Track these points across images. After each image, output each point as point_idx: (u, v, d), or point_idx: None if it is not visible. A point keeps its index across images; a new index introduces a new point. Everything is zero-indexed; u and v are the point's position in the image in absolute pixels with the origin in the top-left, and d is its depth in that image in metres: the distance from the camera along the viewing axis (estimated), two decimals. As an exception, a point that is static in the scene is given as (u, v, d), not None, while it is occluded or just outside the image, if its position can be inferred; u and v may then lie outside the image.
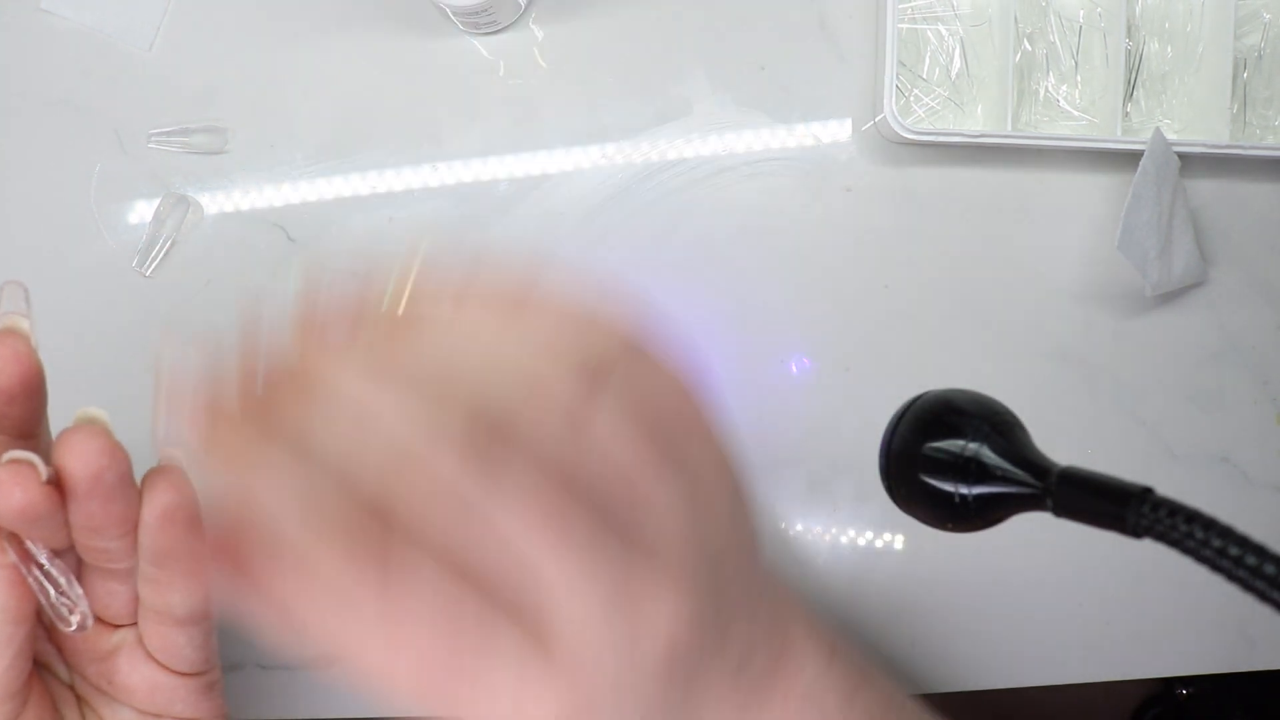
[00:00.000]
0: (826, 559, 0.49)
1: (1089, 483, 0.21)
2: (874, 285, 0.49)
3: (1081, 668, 0.51)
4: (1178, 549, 0.19)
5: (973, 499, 0.24)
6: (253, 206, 0.47)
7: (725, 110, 0.48)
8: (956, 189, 0.49)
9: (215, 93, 0.46)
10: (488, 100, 0.47)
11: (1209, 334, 0.51)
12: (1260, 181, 0.51)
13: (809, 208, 0.49)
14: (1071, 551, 0.51)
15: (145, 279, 0.46)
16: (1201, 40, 0.48)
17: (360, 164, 0.47)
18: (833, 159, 0.49)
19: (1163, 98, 0.49)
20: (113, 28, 0.46)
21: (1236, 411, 0.52)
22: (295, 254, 0.47)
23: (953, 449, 0.25)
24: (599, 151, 0.48)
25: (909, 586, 0.49)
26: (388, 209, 0.47)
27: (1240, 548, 0.18)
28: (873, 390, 0.49)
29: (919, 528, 0.51)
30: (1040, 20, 0.48)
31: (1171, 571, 0.51)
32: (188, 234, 0.46)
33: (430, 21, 0.47)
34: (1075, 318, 0.50)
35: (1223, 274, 0.51)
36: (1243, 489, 0.52)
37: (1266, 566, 0.18)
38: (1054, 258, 0.50)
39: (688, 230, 0.48)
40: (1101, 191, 0.50)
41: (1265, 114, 0.50)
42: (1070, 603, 0.51)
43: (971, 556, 0.50)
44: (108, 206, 0.46)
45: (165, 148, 0.46)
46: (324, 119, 0.47)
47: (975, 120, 0.48)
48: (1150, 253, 0.47)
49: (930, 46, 0.47)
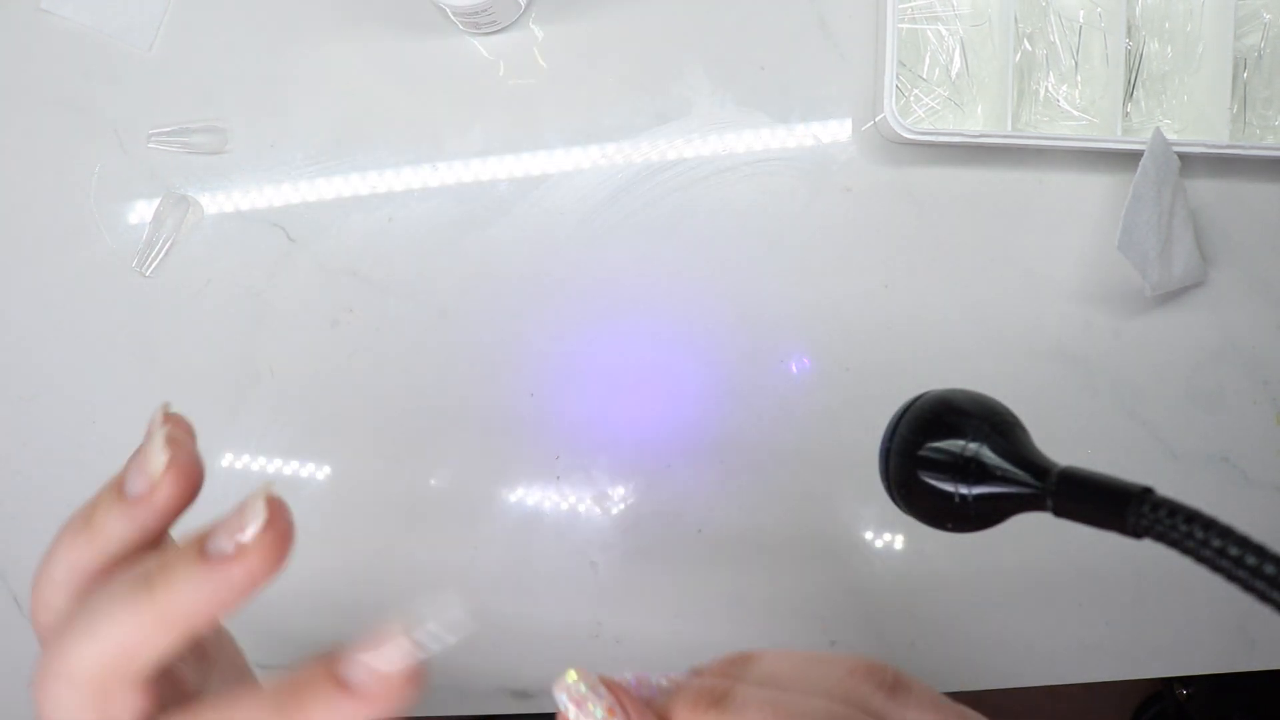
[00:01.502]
0: (826, 559, 0.49)
1: (1089, 483, 0.21)
2: (874, 285, 0.49)
3: (1082, 668, 0.51)
4: (1177, 549, 0.19)
5: (973, 499, 0.24)
6: (252, 206, 0.47)
7: (725, 110, 0.48)
8: (956, 189, 0.49)
9: (215, 93, 0.46)
10: (488, 100, 0.47)
11: (1209, 334, 0.51)
12: (1260, 181, 0.51)
13: (809, 207, 0.49)
14: (1072, 552, 0.51)
15: (145, 278, 0.46)
16: (1201, 40, 0.48)
17: (360, 164, 0.47)
18: (833, 159, 0.49)
19: (1163, 98, 0.49)
20: (113, 28, 0.46)
21: (1236, 411, 0.52)
22: (295, 253, 0.47)
23: (953, 449, 0.25)
24: (599, 151, 0.48)
25: (909, 586, 0.50)
26: (388, 208, 0.47)
27: (1240, 547, 0.18)
28: (873, 390, 0.49)
29: (919, 528, 0.51)
30: (1040, 20, 0.48)
31: (1171, 572, 0.51)
32: (187, 234, 0.46)
33: (430, 22, 0.47)
34: (1075, 317, 0.50)
35: (1223, 274, 0.51)
36: (1242, 489, 0.52)
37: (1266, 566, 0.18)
38: (1054, 257, 0.50)
39: (687, 230, 0.48)
40: (1101, 191, 0.50)
41: (1265, 114, 0.50)
42: (1070, 603, 0.51)
43: (971, 557, 0.50)
44: (108, 206, 0.46)
45: (165, 148, 0.46)
46: (324, 119, 0.47)
47: (975, 120, 0.48)
48: (1150, 253, 0.47)
49: (930, 46, 0.47)
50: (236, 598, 0.19)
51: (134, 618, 0.18)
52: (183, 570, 0.18)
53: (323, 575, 0.47)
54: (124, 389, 0.46)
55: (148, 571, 0.19)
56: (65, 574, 0.20)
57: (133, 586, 0.18)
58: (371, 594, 0.47)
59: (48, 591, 0.21)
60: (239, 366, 0.47)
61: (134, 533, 0.20)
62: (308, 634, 0.47)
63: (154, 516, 0.20)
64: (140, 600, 0.18)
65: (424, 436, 0.48)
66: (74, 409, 0.46)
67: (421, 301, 0.47)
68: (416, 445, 0.47)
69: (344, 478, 0.47)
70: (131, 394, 0.46)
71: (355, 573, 0.47)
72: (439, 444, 0.48)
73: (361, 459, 0.47)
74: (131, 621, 0.18)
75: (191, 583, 0.18)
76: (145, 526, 0.20)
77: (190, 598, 0.18)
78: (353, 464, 0.47)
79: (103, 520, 0.20)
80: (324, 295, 0.47)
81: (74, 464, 0.46)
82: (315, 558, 0.47)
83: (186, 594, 0.18)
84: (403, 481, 0.47)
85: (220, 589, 0.18)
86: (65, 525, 0.21)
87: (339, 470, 0.47)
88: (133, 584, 0.19)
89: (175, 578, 0.18)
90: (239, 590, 0.19)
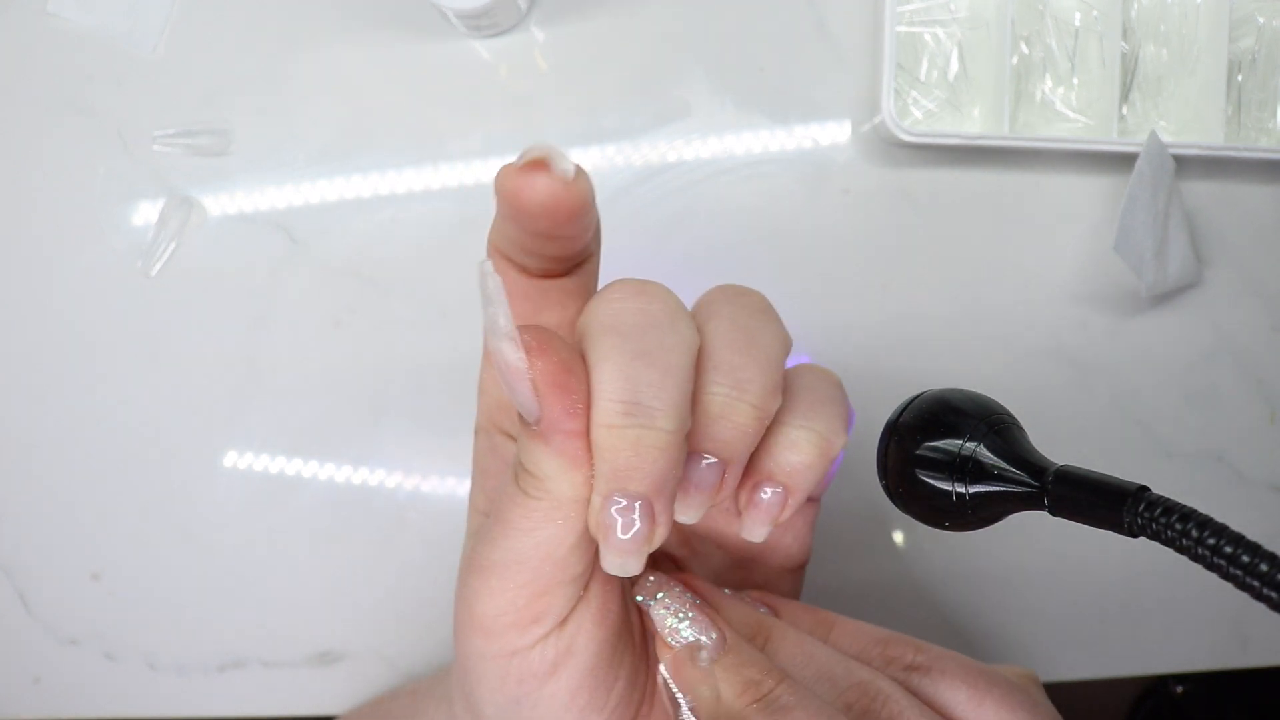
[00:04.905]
0: (822, 558, 0.49)
1: (1085, 482, 0.22)
2: (872, 286, 0.50)
3: (1076, 665, 0.51)
4: (1173, 547, 0.19)
5: (970, 498, 0.25)
6: (256, 208, 0.47)
7: (724, 112, 0.49)
8: (954, 191, 0.50)
9: (218, 95, 0.47)
10: (489, 102, 0.48)
11: (1204, 334, 0.52)
12: (1255, 183, 0.52)
13: (807, 209, 0.49)
14: (1067, 550, 0.51)
15: (149, 280, 0.46)
16: (1197, 43, 0.49)
17: (362, 165, 0.47)
18: (831, 161, 0.49)
19: (1158, 100, 0.49)
20: (117, 30, 0.46)
21: (1231, 411, 0.52)
22: (297, 254, 0.47)
23: (950, 448, 0.25)
24: (599, 153, 0.48)
25: (906, 585, 0.50)
26: (390, 210, 0.47)
27: (1235, 546, 0.18)
28: (871, 390, 0.49)
29: (916, 527, 0.52)
30: (1037, 23, 0.48)
31: (1167, 569, 0.51)
32: (191, 235, 0.47)
33: (432, 24, 0.47)
34: (1072, 318, 0.51)
35: (1218, 275, 0.52)
36: (1237, 487, 0.52)
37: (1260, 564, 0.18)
38: (1050, 259, 0.51)
39: (687, 232, 0.49)
40: (1098, 193, 0.51)
41: (1260, 116, 0.50)
42: (1065, 600, 0.51)
43: (968, 555, 0.50)
44: (112, 208, 0.46)
45: (169, 149, 0.46)
46: (326, 121, 0.47)
47: (973, 122, 0.48)
48: (1146, 254, 0.47)
49: (928, 49, 0.48)
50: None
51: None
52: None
53: (323, 575, 0.48)
54: (128, 389, 0.47)
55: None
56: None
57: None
58: (372, 594, 0.48)
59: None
60: (241, 366, 0.47)
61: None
62: (308, 634, 0.48)
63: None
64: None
65: (426, 437, 0.48)
66: (78, 409, 0.47)
67: (423, 302, 0.47)
68: (418, 446, 0.48)
69: (345, 478, 0.47)
70: (135, 394, 0.47)
71: (355, 572, 0.48)
72: (441, 444, 0.48)
73: (363, 459, 0.48)
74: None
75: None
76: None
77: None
78: (354, 464, 0.48)
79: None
80: (326, 296, 0.47)
81: (78, 464, 0.46)
82: (315, 558, 0.47)
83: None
84: (404, 482, 0.48)
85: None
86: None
87: (339, 470, 0.47)
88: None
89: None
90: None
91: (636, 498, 0.20)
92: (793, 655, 0.25)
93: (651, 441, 0.20)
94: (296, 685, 0.47)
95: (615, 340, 0.21)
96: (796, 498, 0.25)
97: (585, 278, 0.26)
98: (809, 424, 0.25)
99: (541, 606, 0.22)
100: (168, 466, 0.47)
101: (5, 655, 0.47)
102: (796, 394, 0.26)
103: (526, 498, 0.21)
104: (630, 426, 0.20)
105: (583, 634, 0.23)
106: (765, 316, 0.26)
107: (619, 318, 0.22)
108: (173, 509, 0.47)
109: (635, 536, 0.21)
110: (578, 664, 0.23)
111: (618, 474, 0.20)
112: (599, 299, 0.23)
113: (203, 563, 0.47)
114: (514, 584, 0.22)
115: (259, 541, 0.47)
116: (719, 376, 0.23)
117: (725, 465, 0.23)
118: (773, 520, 0.25)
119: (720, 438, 0.22)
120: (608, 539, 0.21)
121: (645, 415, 0.20)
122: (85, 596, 0.46)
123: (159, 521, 0.47)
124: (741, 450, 0.23)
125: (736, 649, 0.25)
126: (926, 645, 0.26)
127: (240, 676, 0.47)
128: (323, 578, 0.48)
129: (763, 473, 0.25)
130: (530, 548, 0.22)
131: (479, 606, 0.22)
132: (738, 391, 0.22)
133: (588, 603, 0.24)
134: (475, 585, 0.23)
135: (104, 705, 0.47)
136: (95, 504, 0.46)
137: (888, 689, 0.24)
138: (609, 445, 0.20)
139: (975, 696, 0.24)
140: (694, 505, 0.23)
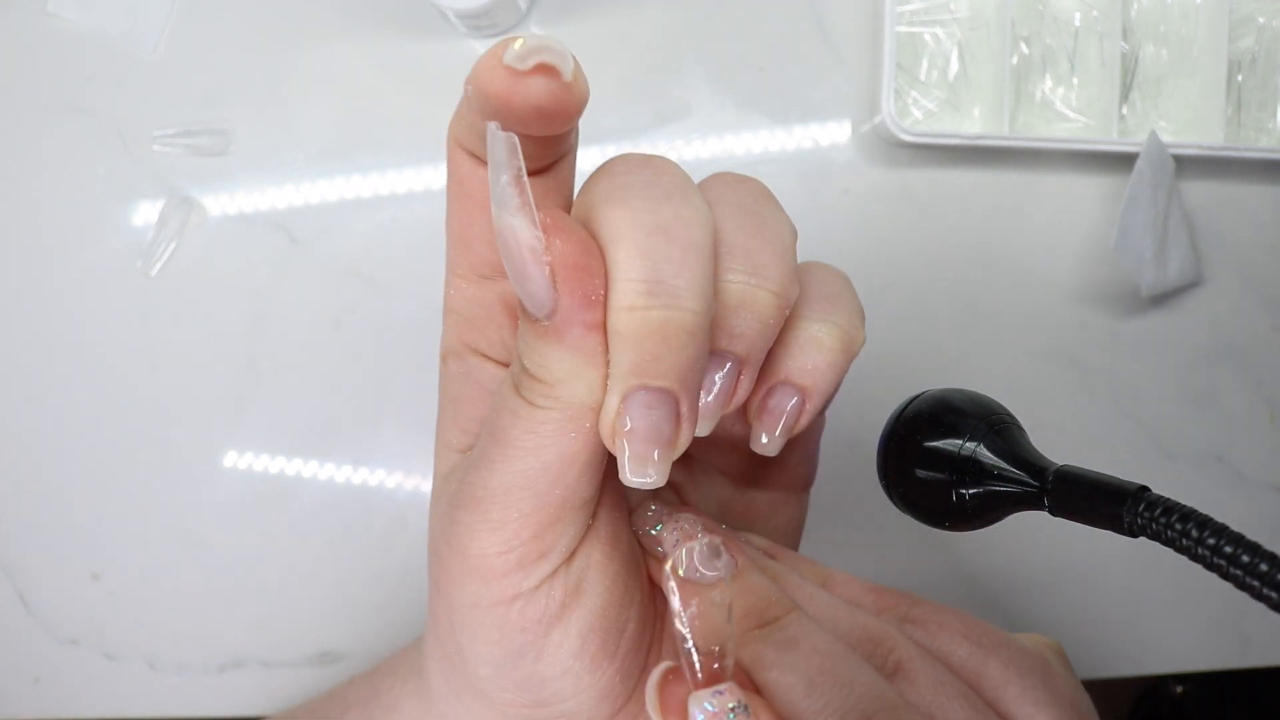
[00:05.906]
0: (821, 557, 0.49)
1: (1085, 482, 0.22)
2: (872, 286, 0.50)
3: (1076, 665, 0.51)
4: (1173, 547, 0.19)
5: (970, 498, 0.25)
6: (255, 208, 0.47)
7: (724, 112, 0.49)
8: (954, 191, 0.50)
9: (218, 95, 0.47)
10: (489, 102, 0.48)
11: (1204, 334, 0.52)
12: (1254, 183, 0.52)
13: (807, 209, 0.49)
14: (1067, 550, 0.51)
15: (149, 280, 0.46)
16: (1196, 43, 0.49)
17: (362, 165, 0.47)
18: (831, 161, 0.49)
19: (1158, 100, 0.49)
20: (117, 30, 0.46)
21: (1231, 411, 0.52)
22: (298, 254, 0.47)
23: (950, 448, 0.25)
24: (599, 152, 0.48)
25: (905, 585, 0.50)
26: (390, 210, 0.47)
27: (1235, 546, 0.18)
28: (871, 389, 0.49)
29: (916, 527, 0.52)
30: (1037, 23, 0.48)
31: (1167, 569, 0.51)
32: (191, 235, 0.47)
33: (432, 24, 0.47)
34: (1072, 318, 0.51)
35: (1217, 275, 0.52)
36: (1237, 487, 0.52)
37: (1260, 564, 0.18)
38: (1051, 259, 0.51)
39: (688, 231, 0.48)
40: (1098, 193, 0.51)
41: (1259, 116, 0.50)
42: (1066, 600, 0.51)
43: (968, 555, 0.50)
44: (112, 208, 0.46)
45: (169, 149, 0.46)
46: (326, 121, 0.47)
47: (973, 122, 0.48)
48: (1146, 254, 0.47)
49: (928, 49, 0.48)
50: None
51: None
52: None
53: (323, 575, 0.47)
54: (128, 389, 0.47)
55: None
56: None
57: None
58: (371, 594, 0.48)
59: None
60: (241, 367, 0.47)
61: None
62: (308, 634, 0.48)
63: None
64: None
65: (426, 437, 0.48)
66: (78, 409, 0.47)
67: (424, 302, 0.47)
68: (418, 446, 0.48)
69: (345, 478, 0.47)
70: (135, 394, 0.47)
71: (355, 572, 0.48)
72: (441, 444, 0.48)
73: (363, 459, 0.48)
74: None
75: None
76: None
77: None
78: (354, 465, 0.48)
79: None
80: (326, 296, 0.47)
81: (78, 464, 0.46)
82: (315, 558, 0.47)
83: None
84: (404, 482, 0.48)
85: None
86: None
87: (340, 471, 0.47)
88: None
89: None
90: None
91: (662, 393, 0.18)
92: (796, 598, 0.23)
93: (679, 323, 0.17)
94: (296, 685, 0.47)
95: (627, 214, 0.18)
96: (815, 402, 0.22)
97: (562, 174, 0.22)
98: (829, 317, 0.22)
99: (549, 540, 0.20)
100: (168, 466, 0.47)
101: (5, 655, 0.47)
102: (809, 287, 0.23)
103: (533, 409, 0.18)
104: (655, 308, 0.17)
105: (593, 568, 0.21)
106: (771, 202, 0.22)
107: (628, 191, 0.18)
108: (173, 509, 0.47)
109: (662, 440, 0.18)
110: (588, 604, 0.21)
111: (641, 366, 0.17)
112: (600, 175, 0.20)
113: (203, 563, 0.47)
114: (516, 514, 0.19)
115: (259, 542, 0.47)
116: (734, 263, 0.20)
117: (741, 365, 0.20)
118: (790, 429, 0.22)
119: (739, 331, 0.20)
120: (631, 445, 0.18)
121: (670, 295, 0.17)
122: (85, 596, 0.46)
123: (159, 521, 0.47)
124: (761, 346, 0.20)
125: (748, 573, 0.23)
126: (924, 600, 0.24)
127: (240, 676, 0.47)
128: (322, 578, 0.48)
129: (779, 374, 0.22)
130: (538, 469, 0.19)
131: (475, 545, 0.19)
132: (757, 279, 0.20)
133: (596, 532, 0.21)
134: (469, 520, 0.20)
135: (104, 705, 0.47)
136: (95, 504, 0.46)
137: (894, 635, 0.22)
138: (631, 331, 0.17)
139: (978, 654, 0.23)
140: (706, 414, 0.20)
